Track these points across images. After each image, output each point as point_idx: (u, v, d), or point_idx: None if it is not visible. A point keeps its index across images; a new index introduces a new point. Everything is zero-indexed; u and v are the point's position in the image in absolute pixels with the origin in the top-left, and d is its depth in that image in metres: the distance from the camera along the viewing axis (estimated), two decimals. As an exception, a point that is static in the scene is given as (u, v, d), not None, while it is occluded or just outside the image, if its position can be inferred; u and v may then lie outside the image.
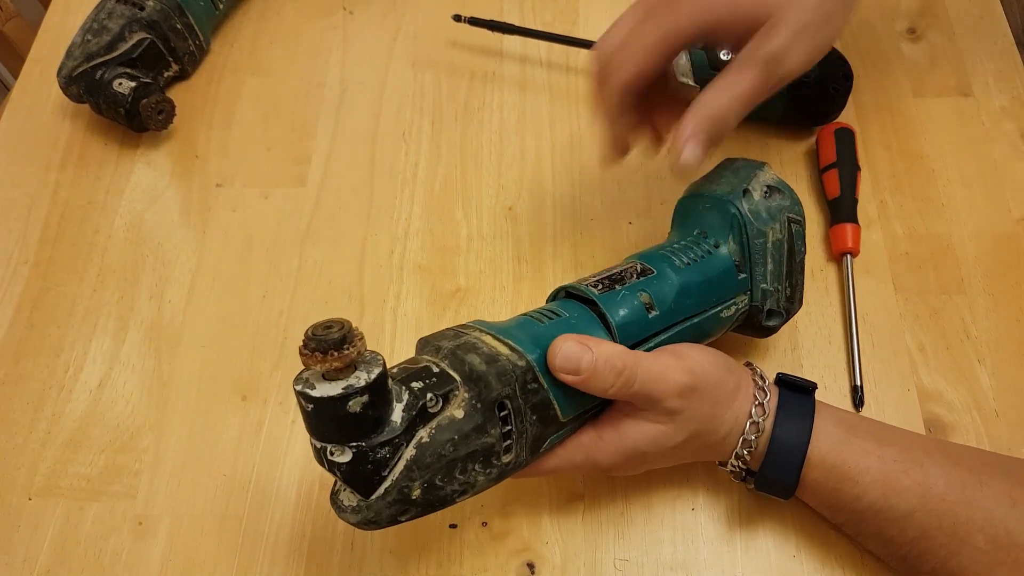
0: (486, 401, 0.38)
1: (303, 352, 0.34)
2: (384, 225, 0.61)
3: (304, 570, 0.48)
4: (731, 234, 0.46)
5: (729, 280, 0.46)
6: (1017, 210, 0.59)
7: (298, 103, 0.67)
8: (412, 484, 0.37)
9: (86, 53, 0.61)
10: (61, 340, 0.56)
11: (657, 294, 0.44)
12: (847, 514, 0.44)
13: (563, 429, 0.42)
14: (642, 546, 0.48)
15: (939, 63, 0.67)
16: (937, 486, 0.41)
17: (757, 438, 0.43)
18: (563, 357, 0.40)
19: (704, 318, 0.45)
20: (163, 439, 0.53)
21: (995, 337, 0.54)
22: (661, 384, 0.41)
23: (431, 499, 0.38)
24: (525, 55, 0.69)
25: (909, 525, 0.42)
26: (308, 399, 0.35)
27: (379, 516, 0.37)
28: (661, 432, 0.42)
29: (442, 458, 0.37)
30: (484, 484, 0.39)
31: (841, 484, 0.43)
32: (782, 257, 0.47)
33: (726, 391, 0.43)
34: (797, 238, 0.47)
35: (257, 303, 0.58)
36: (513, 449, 0.39)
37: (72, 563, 0.49)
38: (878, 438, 0.44)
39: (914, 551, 0.42)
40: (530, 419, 0.40)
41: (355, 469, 0.36)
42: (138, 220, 0.62)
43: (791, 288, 0.47)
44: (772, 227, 0.46)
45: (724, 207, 0.46)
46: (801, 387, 0.45)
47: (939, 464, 0.42)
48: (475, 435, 0.38)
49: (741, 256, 0.46)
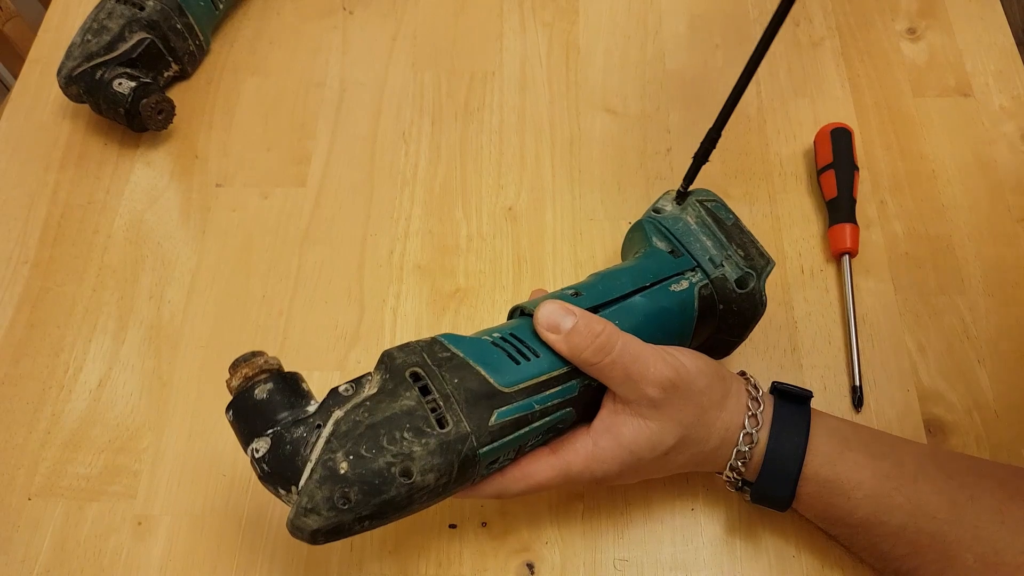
0: (394, 371, 0.40)
1: (227, 380, 0.41)
2: (384, 225, 0.61)
3: (304, 570, 0.48)
4: (654, 236, 0.49)
5: (661, 260, 0.48)
6: (1017, 210, 0.59)
7: (298, 103, 0.67)
8: (335, 456, 0.37)
9: (86, 53, 0.61)
10: (61, 340, 0.56)
11: (584, 287, 0.46)
12: (840, 527, 0.44)
13: (514, 404, 0.40)
14: (642, 546, 0.48)
15: (939, 63, 0.67)
16: (929, 503, 0.42)
17: (751, 449, 0.43)
18: (546, 315, 0.42)
19: (649, 292, 0.45)
20: (163, 439, 0.53)
21: (995, 337, 0.54)
22: (639, 365, 0.41)
23: (363, 473, 0.37)
24: (525, 55, 0.69)
25: (900, 541, 0.42)
26: (228, 408, 0.40)
27: (313, 500, 0.36)
28: (653, 431, 0.42)
29: (358, 424, 0.38)
30: (427, 457, 0.38)
31: (834, 498, 0.43)
32: (711, 229, 0.49)
33: (713, 398, 0.43)
34: (717, 210, 0.50)
35: (257, 303, 0.58)
36: (446, 417, 0.39)
37: (72, 563, 0.49)
38: (872, 451, 0.43)
39: (905, 566, 0.43)
40: (451, 381, 0.40)
41: (276, 454, 0.38)
42: (138, 220, 0.62)
43: (741, 249, 0.48)
44: (687, 212, 0.50)
45: (640, 224, 0.51)
46: (796, 396, 0.45)
47: (931, 479, 0.42)
48: (388, 399, 0.39)
49: (672, 246, 0.49)
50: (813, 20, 0.69)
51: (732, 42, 0.69)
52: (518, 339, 0.43)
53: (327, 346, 0.56)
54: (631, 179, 0.62)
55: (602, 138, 0.64)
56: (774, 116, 0.65)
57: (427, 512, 0.49)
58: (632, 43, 0.69)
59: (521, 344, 0.42)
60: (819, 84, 0.66)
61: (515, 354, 0.42)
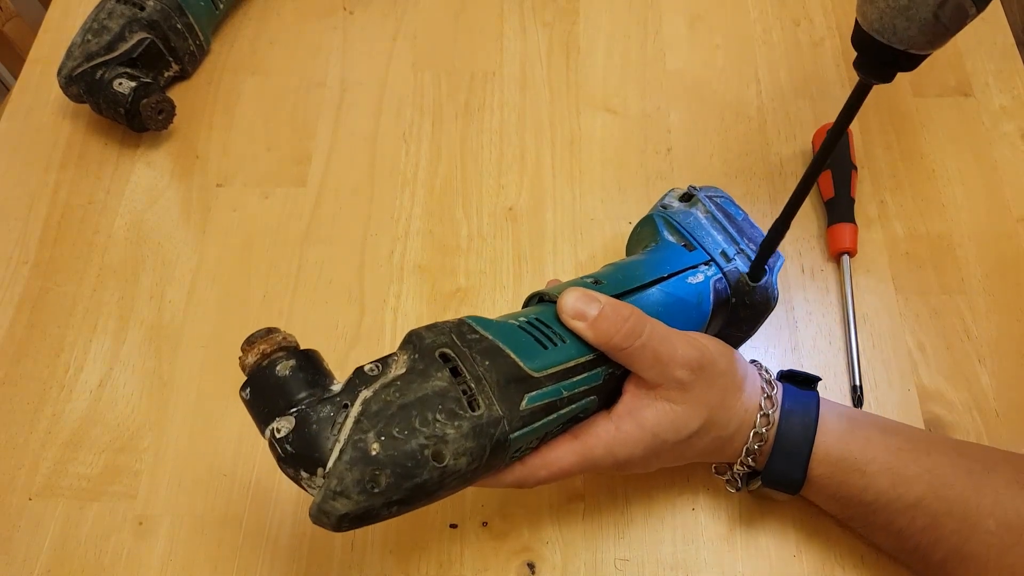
0: (423, 351, 0.38)
1: (240, 356, 0.38)
2: (384, 225, 0.61)
3: (304, 570, 0.48)
4: (665, 230, 0.50)
5: (677, 253, 0.48)
6: (1017, 210, 0.59)
7: (298, 103, 0.67)
8: (366, 436, 0.35)
9: (86, 53, 0.61)
10: (61, 340, 0.56)
11: (603, 276, 0.46)
12: (855, 507, 0.44)
13: (544, 388, 0.39)
14: (642, 546, 0.48)
15: (939, 63, 0.67)
16: (945, 473, 0.41)
17: (768, 430, 0.43)
18: (571, 302, 0.41)
19: (667, 283, 0.46)
20: (163, 439, 0.53)
21: (995, 337, 0.54)
22: (667, 346, 0.41)
23: (396, 455, 0.35)
24: (525, 55, 0.69)
25: (918, 514, 0.41)
26: (244, 386, 0.38)
27: (343, 483, 0.34)
28: (678, 414, 0.41)
29: (390, 404, 0.36)
30: (460, 441, 0.37)
31: (848, 476, 0.43)
32: (722, 224, 0.49)
33: (735, 380, 0.43)
34: (726, 205, 0.50)
35: (257, 303, 0.58)
36: (478, 399, 0.37)
37: (72, 563, 0.49)
38: (883, 429, 0.44)
39: (924, 540, 0.42)
40: (482, 364, 0.38)
41: (301, 434, 0.35)
42: (138, 220, 0.62)
43: (752, 243, 0.49)
44: (696, 207, 0.50)
45: (650, 218, 0.51)
46: (803, 380, 0.46)
47: (944, 452, 0.42)
48: (420, 379, 0.37)
49: (684, 240, 0.49)
50: (813, 20, 0.69)
51: (732, 42, 0.69)
52: (544, 323, 0.42)
53: (327, 346, 0.56)
54: (631, 179, 0.62)
55: (602, 138, 0.64)
56: (774, 116, 0.65)
57: (427, 512, 0.49)
58: (632, 43, 0.69)
59: (548, 328, 0.42)
60: (819, 84, 0.66)
61: (543, 339, 0.41)
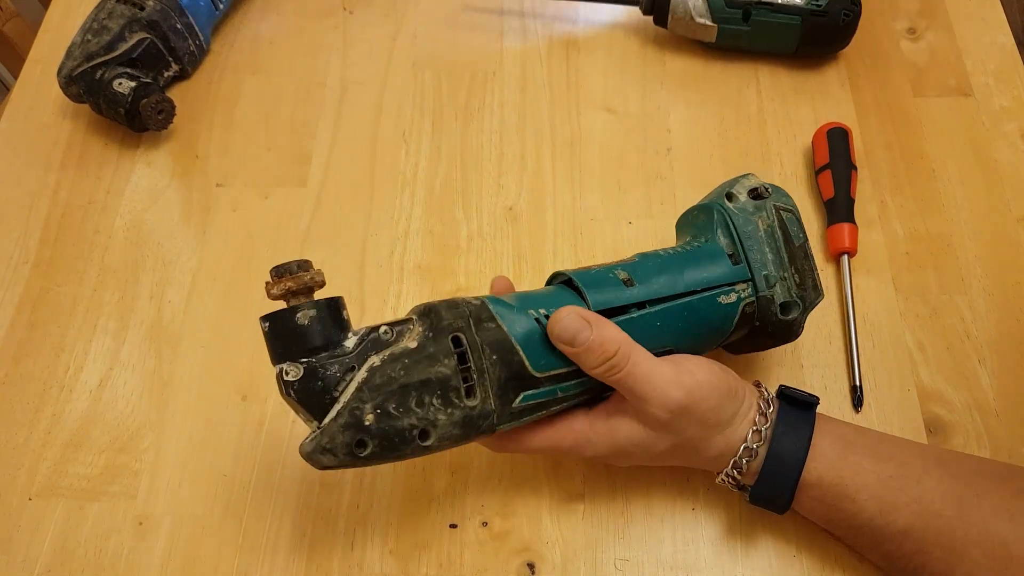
0: (438, 330, 0.40)
1: (267, 282, 0.39)
2: (384, 225, 0.61)
3: (304, 570, 0.48)
4: (720, 229, 0.47)
5: (719, 264, 0.46)
6: (1017, 210, 0.59)
7: (298, 103, 0.67)
8: (363, 407, 0.38)
9: (86, 53, 0.61)
10: (61, 340, 0.56)
11: (635, 272, 0.45)
12: (845, 529, 0.45)
13: (540, 389, 0.42)
14: (642, 546, 0.48)
15: (939, 63, 0.67)
16: (934, 502, 0.42)
17: (759, 447, 0.43)
18: (562, 327, 0.41)
19: (697, 299, 0.45)
20: (163, 439, 0.53)
21: (995, 337, 0.54)
22: (648, 387, 0.41)
23: (386, 430, 0.38)
24: (525, 55, 0.69)
25: (906, 540, 0.42)
26: (266, 319, 0.39)
27: (333, 442, 0.38)
28: (647, 437, 0.43)
29: (392, 380, 0.38)
30: (448, 427, 0.39)
31: (838, 502, 0.43)
32: (778, 244, 0.47)
33: (721, 417, 0.43)
34: (790, 224, 0.47)
35: (257, 303, 0.58)
36: (476, 391, 0.40)
37: (72, 563, 0.49)
38: (875, 454, 0.43)
39: (911, 565, 0.43)
40: (489, 357, 0.40)
41: (306, 386, 0.38)
42: (138, 220, 0.62)
43: (799, 275, 0.47)
44: (760, 216, 0.47)
45: (710, 209, 0.48)
46: (801, 403, 0.45)
47: (936, 479, 0.42)
48: (427, 362, 0.39)
49: (733, 248, 0.47)
50: (813, 20, 0.69)
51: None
52: None
53: (327, 346, 0.56)
54: (631, 179, 0.62)
55: (602, 138, 0.64)
56: (774, 116, 0.65)
57: (427, 511, 0.49)
58: (632, 43, 0.69)
59: None
60: (819, 84, 0.66)
61: None
